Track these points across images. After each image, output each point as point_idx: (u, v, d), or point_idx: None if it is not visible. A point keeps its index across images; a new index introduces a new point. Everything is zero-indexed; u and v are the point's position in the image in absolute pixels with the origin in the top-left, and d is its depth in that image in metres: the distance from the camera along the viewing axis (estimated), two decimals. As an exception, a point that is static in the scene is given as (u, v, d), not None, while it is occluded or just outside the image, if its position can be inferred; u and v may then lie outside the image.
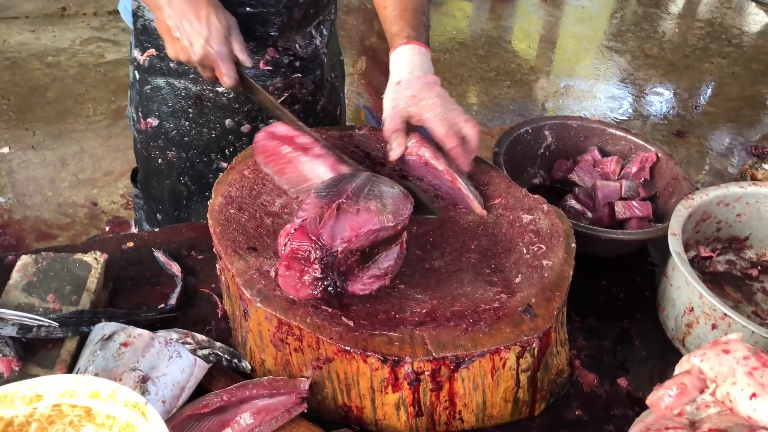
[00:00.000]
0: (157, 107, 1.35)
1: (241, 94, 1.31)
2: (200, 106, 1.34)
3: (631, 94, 4.39)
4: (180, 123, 1.36)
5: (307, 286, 0.90)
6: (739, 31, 5.31)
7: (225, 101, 1.34)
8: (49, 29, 4.24)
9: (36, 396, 0.76)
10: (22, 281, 1.03)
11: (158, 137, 1.38)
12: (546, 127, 1.47)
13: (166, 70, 1.32)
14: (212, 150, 1.39)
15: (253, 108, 1.34)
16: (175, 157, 1.40)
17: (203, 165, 1.40)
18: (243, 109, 1.35)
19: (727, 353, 0.79)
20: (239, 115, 1.36)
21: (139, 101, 1.38)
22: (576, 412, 1.02)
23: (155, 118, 1.36)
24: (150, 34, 1.30)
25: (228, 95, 1.33)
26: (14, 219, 2.85)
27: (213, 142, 1.38)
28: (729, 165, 3.76)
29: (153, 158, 1.42)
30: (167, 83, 1.33)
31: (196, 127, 1.36)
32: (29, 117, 3.47)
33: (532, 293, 0.96)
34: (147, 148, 1.42)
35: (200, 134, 1.37)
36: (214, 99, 1.33)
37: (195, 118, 1.35)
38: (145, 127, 1.38)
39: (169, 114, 1.35)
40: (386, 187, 1.01)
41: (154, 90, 1.34)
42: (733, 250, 1.32)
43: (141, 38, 1.32)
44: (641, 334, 1.18)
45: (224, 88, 1.30)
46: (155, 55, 1.31)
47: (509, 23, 5.20)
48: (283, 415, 0.90)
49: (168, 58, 1.28)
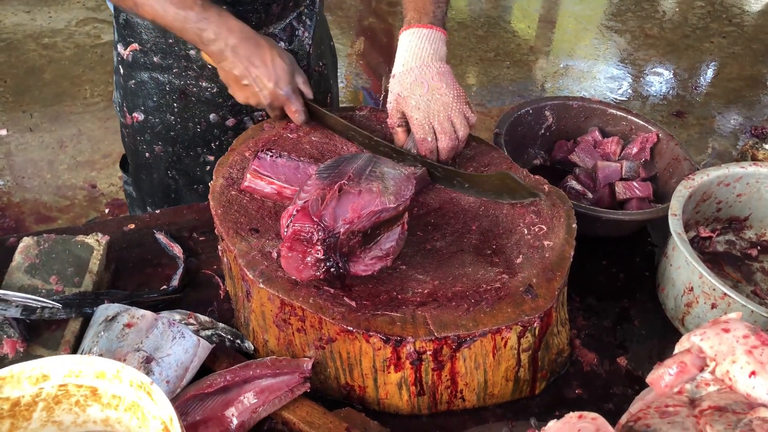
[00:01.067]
0: (143, 102, 1.34)
1: (225, 90, 1.28)
2: (185, 101, 1.33)
3: (631, 74, 4.37)
4: (165, 117, 1.35)
5: (310, 267, 0.90)
6: (739, 11, 5.27)
7: (209, 96, 1.33)
8: (44, 10, 4.19)
9: (42, 376, 0.77)
10: (24, 263, 1.03)
11: (144, 131, 1.38)
12: (547, 108, 1.46)
13: (150, 64, 1.31)
14: (198, 144, 1.38)
15: (237, 102, 1.32)
16: (162, 151, 1.39)
17: (190, 159, 1.40)
18: (227, 104, 1.34)
19: (726, 332, 0.80)
20: (223, 110, 1.35)
21: (124, 95, 1.37)
22: (576, 391, 1.03)
23: (141, 113, 1.35)
24: (133, 28, 1.28)
25: (211, 90, 1.32)
26: (13, 201, 2.85)
27: (199, 136, 1.37)
28: (729, 146, 3.75)
29: (141, 152, 1.41)
30: (151, 78, 1.32)
31: (181, 121, 1.35)
32: (26, 99, 3.44)
33: (533, 273, 0.97)
34: (134, 142, 1.41)
35: (186, 128, 1.36)
36: (198, 93, 1.33)
37: (180, 113, 1.35)
38: (131, 121, 1.37)
39: (154, 108, 1.35)
40: (388, 168, 1.01)
41: (138, 85, 1.33)
42: (733, 230, 1.33)
43: (123, 33, 1.30)
44: (641, 314, 1.18)
45: (207, 84, 1.30)
46: (138, 50, 1.30)
47: (509, 3, 5.15)
48: (286, 394, 0.91)
49: (152, 53, 1.28)
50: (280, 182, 1.07)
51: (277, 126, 1.21)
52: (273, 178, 1.07)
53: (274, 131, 1.20)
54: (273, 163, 1.09)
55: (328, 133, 1.21)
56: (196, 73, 1.31)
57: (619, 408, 1.00)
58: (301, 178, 1.07)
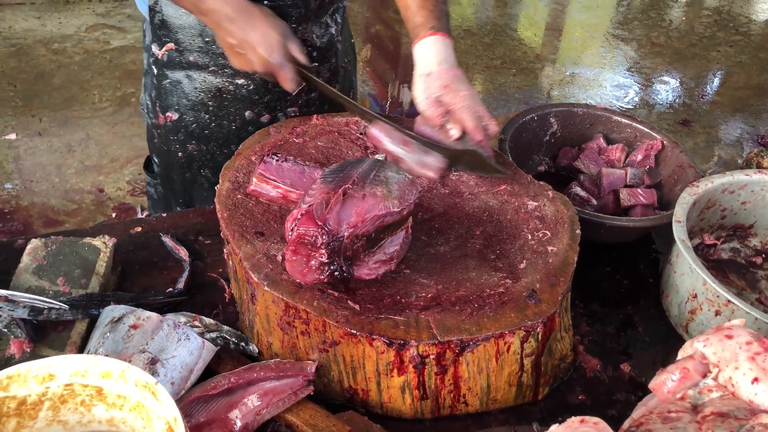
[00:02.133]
0: (177, 101, 1.36)
1: (261, 87, 1.33)
2: (220, 99, 1.35)
3: (637, 82, 4.37)
4: (200, 116, 1.37)
5: (314, 270, 0.91)
6: (746, 20, 5.27)
7: (245, 93, 1.35)
8: (54, 16, 4.23)
9: (49, 375, 0.78)
10: (32, 264, 1.04)
11: (178, 131, 1.39)
12: (552, 115, 1.47)
13: (186, 63, 1.33)
14: (232, 142, 1.39)
15: (272, 99, 1.35)
16: (195, 150, 1.40)
17: (224, 157, 1.40)
18: (263, 100, 1.36)
19: (730, 338, 0.80)
20: (259, 107, 1.37)
21: (157, 96, 1.38)
22: (579, 397, 1.03)
23: (175, 112, 1.37)
24: (168, 28, 1.30)
25: (248, 87, 1.34)
26: (21, 205, 2.87)
27: (233, 133, 1.38)
28: (735, 154, 3.75)
29: (173, 152, 1.42)
30: (186, 76, 1.34)
31: (216, 119, 1.37)
32: (35, 103, 3.48)
33: (537, 279, 0.97)
34: (167, 143, 1.42)
35: (220, 126, 1.38)
36: (234, 91, 1.34)
37: (215, 111, 1.36)
38: (164, 121, 1.38)
39: (188, 107, 1.36)
40: (392, 173, 1.02)
41: (173, 84, 1.35)
42: (738, 237, 1.33)
43: (159, 33, 1.32)
44: (644, 321, 1.18)
45: (243, 81, 1.33)
46: (174, 49, 1.32)
47: (515, 11, 5.17)
48: (289, 397, 0.92)
49: (188, 51, 1.30)
50: (285, 186, 1.08)
51: (283, 131, 1.22)
52: (278, 182, 1.08)
53: (280, 136, 1.21)
54: (279, 167, 1.10)
55: (334, 138, 1.22)
56: (233, 71, 1.32)
57: (622, 414, 1.00)
58: (306, 182, 1.08)
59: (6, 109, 3.41)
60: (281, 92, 1.33)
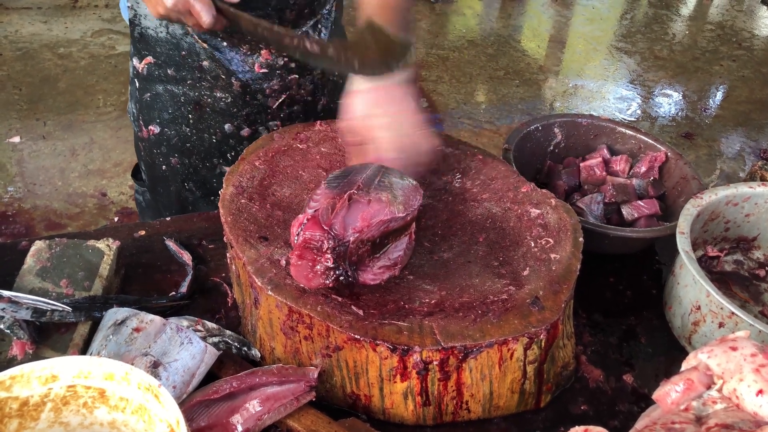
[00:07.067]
0: (158, 114, 1.36)
1: (238, 99, 1.29)
2: (200, 112, 1.35)
3: (640, 95, 4.38)
4: (181, 129, 1.37)
5: (319, 275, 0.91)
6: (749, 35, 5.29)
7: (223, 106, 1.34)
8: (60, 20, 4.26)
9: (52, 376, 0.77)
10: (36, 266, 1.04)
11: (161, 144, 1.39)
12: (556, 125, 1.47)
13: (164, 77, 1.33)
14: (214, 155, 1.39)
15: (252, 112, 1.32)
16: (178, 164, 1.40)
17: (206, 170, 1.41)
18: (241, 113, 1.35)
19: (734, 350, 0.80)
20: (238, 119, 1.36)
21: (140, 109, 1.38)
22: (582, 407, 1.03)
23: (157, 126, 1.37)
24: (147, 41, 1.30)
25: (226, 100, 1.33)
26: (24, 208, 2.88)
27: (214, 147, 1.38)
28: (737, 168, 3.75)
29: (157, 165, 1.43)
30: (166, 90, 1.34)
31: (196, 132, 1.37)
32: (40, 107, 3.49)
33: (540, 286, 0.97)
34: (151, 156, 1.42)
35: (201, 140, 1.38)
36: (213, 104, 1.34)
37: (195, 124, 1.36)
38: (147, 134, 1.39)
39: (169, 121, 1.36)
40: (396, 179, 1.02)
41: (153, 98, 1.35)
42: (741, 250, 1.32)
43: (138, 46, 1.32)
44: (647, 332, 1.18)
45: (221, 94, 1.30)
46: (153, 63, 1.32)
47: (519, 22, 5.20)
48: (291, 402, 0.91)
49: (165, 65, 1.29)
50: None
51: (287, 136, 1.23)
52: None
53: (284, 141, 1.21)
54: None
55: (338, 144, 1.23)
56: (210, 84, 1.32)
57: (624, 425, 1.00)
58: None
59: (11, 112, 3.42)
60: (260, 105, 1.33)
